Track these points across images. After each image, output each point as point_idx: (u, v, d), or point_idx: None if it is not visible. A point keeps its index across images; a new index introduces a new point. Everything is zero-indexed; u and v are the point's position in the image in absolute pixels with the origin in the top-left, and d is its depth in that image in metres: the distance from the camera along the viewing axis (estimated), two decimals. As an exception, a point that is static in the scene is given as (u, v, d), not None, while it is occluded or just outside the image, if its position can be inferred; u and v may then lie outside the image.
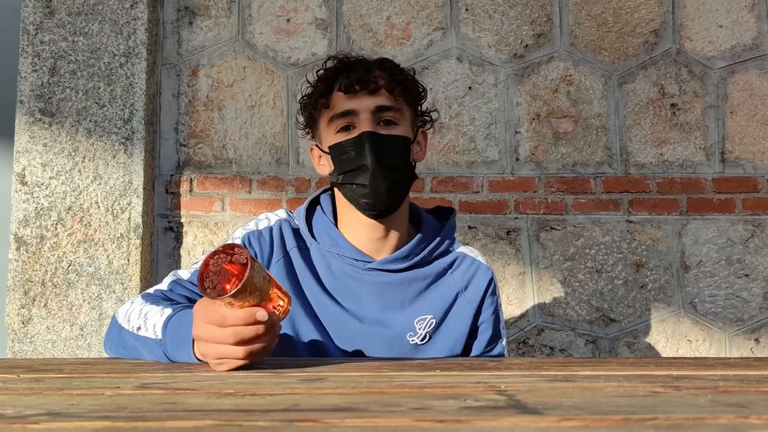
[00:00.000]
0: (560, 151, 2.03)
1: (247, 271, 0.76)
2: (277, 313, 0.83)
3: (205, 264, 0.80)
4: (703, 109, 2.04)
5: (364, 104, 1.10)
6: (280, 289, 0.84)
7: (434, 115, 1.25)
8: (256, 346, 0.80)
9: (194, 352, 0.86)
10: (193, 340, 0.86)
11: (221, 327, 0.79)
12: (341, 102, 1.11)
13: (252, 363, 0.80)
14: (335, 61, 1.17)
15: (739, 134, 2.03)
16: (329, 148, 1.13)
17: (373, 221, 1.14)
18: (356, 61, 1.14)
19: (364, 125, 1.09)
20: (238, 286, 0.75)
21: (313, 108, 1.16)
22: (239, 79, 2.06)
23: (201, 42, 2.07)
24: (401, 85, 1.11)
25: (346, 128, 1.11)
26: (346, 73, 1.10)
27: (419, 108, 1.20)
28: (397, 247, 1.17)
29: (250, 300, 0.78)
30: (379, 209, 1.12)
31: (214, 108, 2.05)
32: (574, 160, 2.03)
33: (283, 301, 0.84)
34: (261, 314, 0.78)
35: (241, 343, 0.79)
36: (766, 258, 1.99)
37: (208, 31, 2.08)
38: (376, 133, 1.09)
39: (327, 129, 1.14)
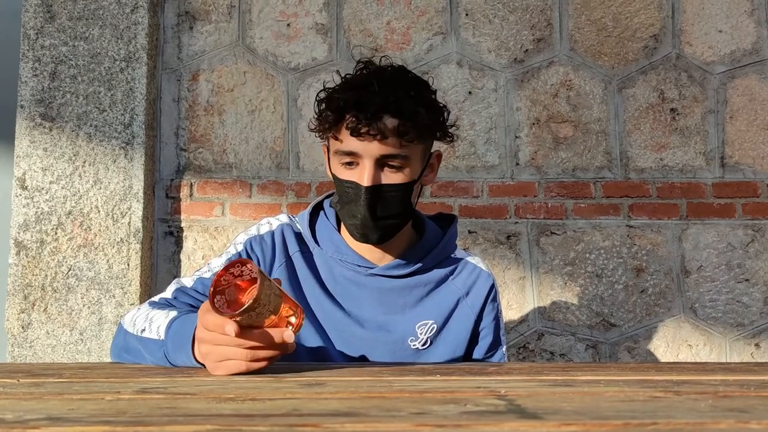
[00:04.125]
0: (560, 156, 2.03)
1: (257, 287, 0.76)
2: (290, 328, 0.83)
3: (216, 281, 0.80)
4: (702, 114, 2.04)
5: (369, 150, 1.04)
6: (291, 303, 0.84)
7: (453, 130, 1.19)
8: (259, 354, 0.80)
9: (194, 355, 0.86)
10: (193, 342, 0.86)
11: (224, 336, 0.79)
12: (347, 140, 1.06)
13: (251, 371, 0.80)
14: (361, 70, 1.10)
15: (739, 139, 2.04)
16: (332, 175, 1.12)
17: None
18: (368, 96, 1.04)
19: (366, 171, 1.05)
20: (248, 304, 0.76)
21: (323, 131, 1.12)
22: (239, 83, 2.06)
23: (201, 47, 2.08)
24: (414, 129, 1.05)
25: (350, 163, 1.08)
26: (356, 111, 1.03)
27: (442, 131, 1.15)
28: (400, 254, 1.17)
29: (261, 315, 0.79)
30: (371, 244, 1.13)
31: (214, 113, 2.06)
32: (574, 165, 2.03)
33: (295, 316, 0.84)
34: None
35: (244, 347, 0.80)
36: (767, 263, 1.99)
37: (209, 36, 2.08)
38: (374, 188, 1.05)
39: (334, 155, 1.10)
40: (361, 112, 1.03)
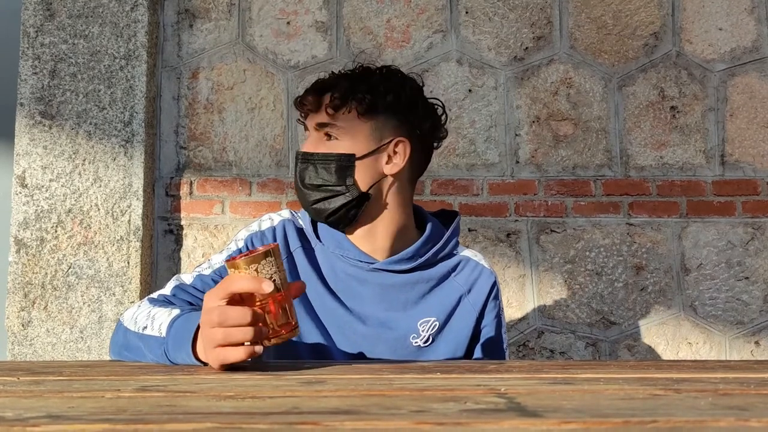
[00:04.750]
0: (560, 154, 2.03)
1: (272, 249, 0.83)
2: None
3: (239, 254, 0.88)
4: (702, 112, 2.04)
5: (309, 122, 1.17)
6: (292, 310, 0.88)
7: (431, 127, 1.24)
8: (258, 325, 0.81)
9: (194, 353, 0.86)
10: (194, 341, 0.86)
11: (227, 291, 0.81)
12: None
13: (251, 353, 0.80)
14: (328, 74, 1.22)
15: (739, 137, 2.03)
16: None
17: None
18: (320, 81, 1.18)
19: (307, 140, 1.17)
20: (259, 252, 0.82)
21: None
22: (239, 81, 2.06)
23: (201, 45, 2.08)
24: (341, 99, 1.12)
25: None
26: (305, 91, 1.18)
27: (408, 119, 1.16)
28: (401, 249, 1.17)
29: (267, 271, 0.82)
30: (319, 220, 1.17)
31: (214, 110, 2.05)
32: (574, 163, 2.03)
33: (288, 325, 0.86)
34: (267, 285, 0.81)
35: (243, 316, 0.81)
36: (766, 261, 1.99)
37: (209, 34, 2.08)
38: (304, 153, 1.15)
39: None
40: (307, 90, 1.17)
